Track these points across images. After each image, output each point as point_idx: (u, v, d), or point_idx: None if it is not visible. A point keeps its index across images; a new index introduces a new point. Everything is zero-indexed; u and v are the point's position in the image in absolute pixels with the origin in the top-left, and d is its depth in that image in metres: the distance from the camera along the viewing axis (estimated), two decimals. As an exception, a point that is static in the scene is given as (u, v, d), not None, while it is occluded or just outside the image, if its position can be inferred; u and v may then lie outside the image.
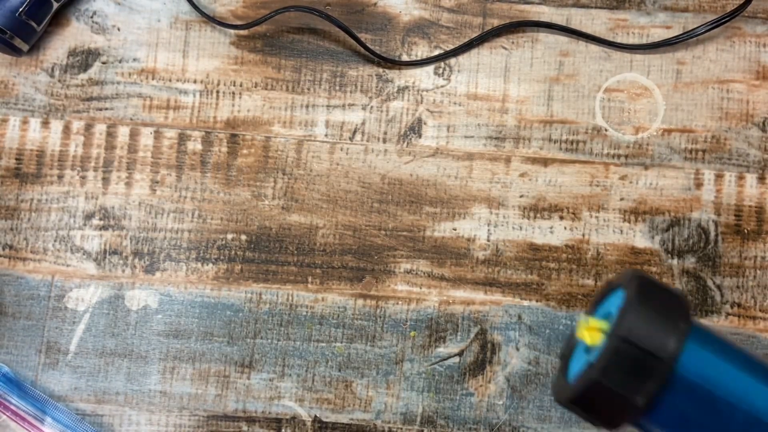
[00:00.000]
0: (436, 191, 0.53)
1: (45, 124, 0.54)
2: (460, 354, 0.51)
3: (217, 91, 0.54)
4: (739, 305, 0.51)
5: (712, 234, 0.52)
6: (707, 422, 0.27)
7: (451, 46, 0.54)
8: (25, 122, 0.54)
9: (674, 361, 0.26)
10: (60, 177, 0.53)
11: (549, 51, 0.54)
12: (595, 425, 0.28)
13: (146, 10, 0.55)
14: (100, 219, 0.53)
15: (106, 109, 0.54)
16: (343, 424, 0.51)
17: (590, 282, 0.52)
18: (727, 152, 0.53)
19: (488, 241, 0.52)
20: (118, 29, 0.55)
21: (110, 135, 0.54)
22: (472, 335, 0.51)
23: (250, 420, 0.51)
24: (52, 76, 0.54)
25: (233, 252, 0.52)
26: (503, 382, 0.51)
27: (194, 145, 0.54)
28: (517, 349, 0.51)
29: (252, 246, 0.52)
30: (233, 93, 0.54)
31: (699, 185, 0.53)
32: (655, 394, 0.26)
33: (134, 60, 0.54)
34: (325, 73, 0.54)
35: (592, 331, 0.28)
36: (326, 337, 0.51)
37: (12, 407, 0.49)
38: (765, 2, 0.54)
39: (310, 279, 0.52)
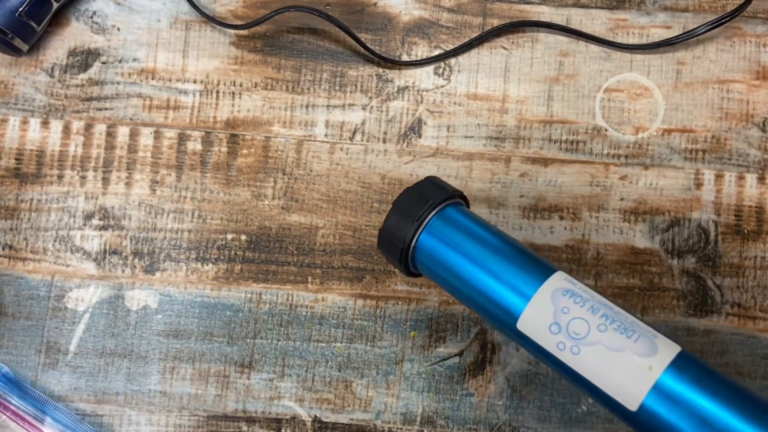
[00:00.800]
0: (436, 191, 0.53)
1: (45, 124, 0.54)
2: (460, 354, 0.51)
3: (217, 91, 0.54)
4: (739, 305, 0.51)
5: (712, 234, 0.52)
6: (445, 268, 0.40)
7: (451, 46, 0.54)
8: (25, 122, 0.54)
9: (423, 217, 0.40)
10: (60, 177, 0.53)
11: (549, 51, 0.54)
12: (392, 263, 0.43)
13: (146, 10, 0.55)
14: (100, 219, 0.53)
15: (106, 109, 0.54)
16: (343, 424, 0.51)
17: (590, 282, 0.52)
18: (727, 152, 0.53)
19: (488, 241, 0.52)
20: (118, 29, 0.55)
21: (110, 135, 0.54)
22: (472, 335, 0.51)
23: (250, 420, 0.51)
24: (52, 76, 0.54)
25: (233, 252, 0.52)
26: (503, 382, 0.51)
27: (194, 145, 0.54)
28: (517, 350, 0.51)
29: (252, 246, 0.52)
30: (233, 93, 0.54)
31: (699, 185, 0.53)
32: (412, 241, 0.40)
33: (134, 60, 0.54)
34: (325, 73, 0.54)
35: None
36: (326, 337, 0.51)
37: (12, 407, 0.49)
38: (765, 2, 0.54)
39: (310, 279, 0.52)
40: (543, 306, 0.37)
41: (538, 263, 0.39)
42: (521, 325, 0.37)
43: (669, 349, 0.34)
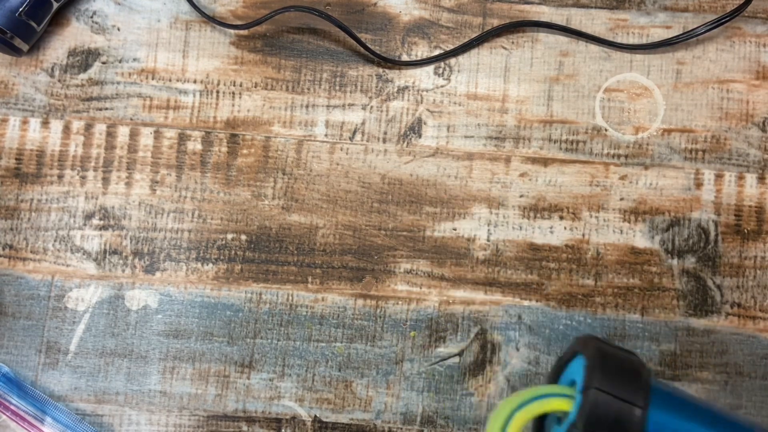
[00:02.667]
0: (436, 191, 0.53)
1: (45, 124, 0.54)
2: (460, 354, 0.51)
3: (217, 91, 0.54)
4: (739, 305, 0.51)
5: (712, 234, 0.52)
6: None
7: (451, 46, 0.54)
8: (25, 122, 0.54)
9: (647, 411, 0.27)
10: (60, 177, 0.53)
11: (549, 51, 0.54)
12: None
13: (146, 10, 0.55)
14: (100, 219, 0.53)
15: (106, 109, 0.54)
16: (343, 424, 0.51)
17: (590, 282, 0.52)
18: (727, 152, 0.53)
19: (488, 241, 0.52)
20: (118, 29, 0.55)
21: (110, 135, 0.54)
22: (472, 335, 0.51)
23: (250, 420, 0.51)
24: (52, 76, 0.54)
25: (233, 252, 0.52)
26: (503, 382, 0.51)
27: (194, 145, 0.54)
28: (517, 349, 0.51)
29: (252, 246, 0.52)
30: (233, 93, 0.54)
31: (699, 185, 0.53)
32: None
33: (134, 60, 0.54)
34: (325, 73, 0.54)
35: (560, 401, 0.30)
36: (326, 337, 0.51)
37: (12, 407, 0.49)
38: (765, 2, 0.54)
39: (310, 279, 0.52)
40: None
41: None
42: None
43: None
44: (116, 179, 0.53)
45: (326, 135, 0.54)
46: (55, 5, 0.53)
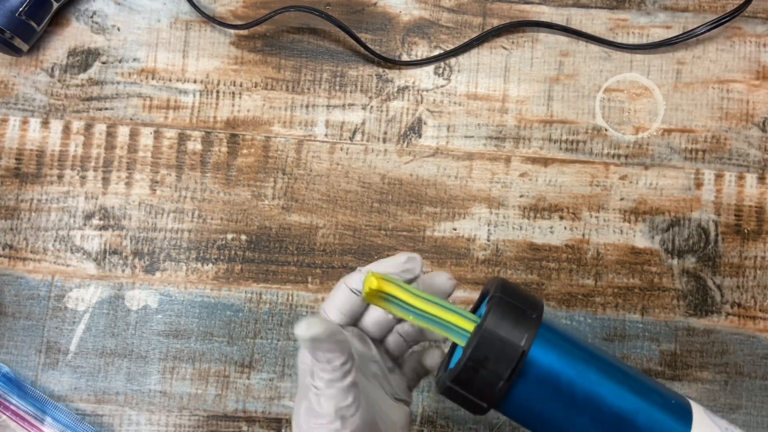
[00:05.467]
0: (436, 191, 0.53)
1: (45, 124, 0.54)
2: (460, 354, 0.51)
3: (217, 91, 0.54)
4: (739, 305, 0.51)
5: (712, 234, 0.52)
6: (555, 408, 0.31)
7: (451, 46, 0.54)
8: (25, 122, 0.54)
9: (526, 352, 0.30)
10: (60, 177, 0.53)
11: (549, 51, 0.54)
12: (467, 408, 0.32)
13: (146, 10, 0.55)
14: (100, 219, 0.53)
15: (106, 109, 0.54)
16: (343, 424, 0.50)
17: (590, 282, 0.52)
18: (727, 152, 0.53)
19: (488, 241, 0.52)
20: (118, 29, 0.55)
21: (110, 135, 0.54)
22: (472, 335, 0.51)
23: (250, 420, 0.51)
24: (52, 76, 0.54)
25: (233, 252, 0.52)
26: (503, 382, 0.50)
27: (194, 145, 0.54)
28: (517, 349, 0.51)
29: (252, 246, 0.52)
30: (233, 93, 0.54)
31: (699, 185, 0.53)
32: (510, 378, 0.30)
33: (134, 60, 0.54)
34: (325, 73, 0.54)
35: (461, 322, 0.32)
36: (326, 337, 0.51)
37: (12, 407, 0.49)
38: (765, 2, 0.54)
39: (310, 279, 0.52)
40: (707, 425, 0.31)
41: (660, 386, 0.33)
42: None
43: None
44: (116, 179, 0.53)
45: (326, 135, 0.54)
46: (55, 5, 0.53)
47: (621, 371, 0.32)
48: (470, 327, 0.32)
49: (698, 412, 0.32)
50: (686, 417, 0.31)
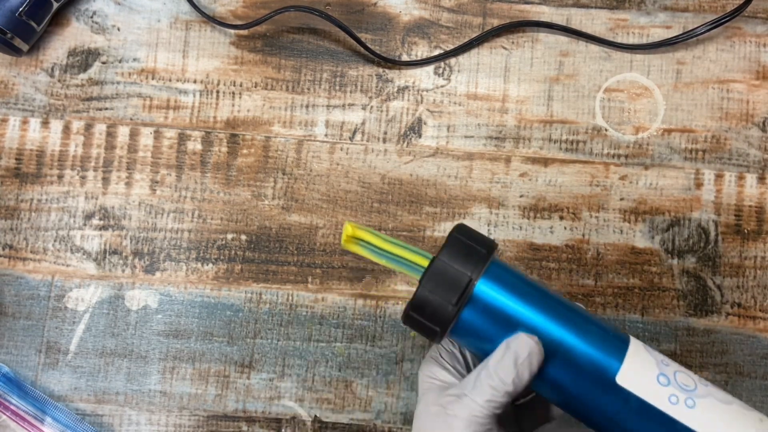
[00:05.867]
0: (436, 191, 0.53)
1: (45, 124, 0.54)
2: (460, 354, 0.51)
3: (217, 91, 0.54)
4: (739, 305, 0.51)
5: (712, 234, 0.52)
6: (499, 335, 0.34)
7: (451, 46, 0.54)
8: (25, 122, 0.54)
9: (474, 281, 0.34)
10: (60, 177, 0.53)
11: (549, 51, 0.54)
12: (425, 334, 0.36)
13: (146, 10, 0.55)
14: (100, 219, 0.53)
15: (106, 109, 0.54)
16: (343, 424, 0.51)
17: (590, 282, 0.52)
18: (727, 152, 0.53)
19: (488, 241, 0.52)
20: (118, 29, 0.55)
21: (110, 135, 0.54)
22: (472, 335, 0.51)
23: (250, 420, 0.51)
24: (52, 76, 0.54)
25: (233, 252, 0.52)
26: (503, 382, 0.50)
27: (194, 145, 0.54)
28: (517, 349, 0.51)
29: (252, 246, 0.52)
30: (233, 93, 0.54)
31: (699, 185, 0.53)
32: (459, 304, 0.34)
33: (134, 60, 0.54)
34: (325, 73, 0.54)
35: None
36: (326, 337, 0.51)
37: (12, 407, 0.49)
38: (765, 2, 0.54)
39: (310, 279, 0.52)
40: (643, 358, 0.33)
41: (602, 320, 0.35)
42: (624, 379, 0.33)
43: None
44: (116, 179, 0.53)
45: (326, 135, 0.54)
46: (55, 5, 0.53)
47: (563, 305, 0.35)
48: (426, 263, 0.36)
49: (635, 344, 0.34)
50: (622, 347, 0.34)
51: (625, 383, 0.33)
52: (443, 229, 0.52)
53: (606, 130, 0.53)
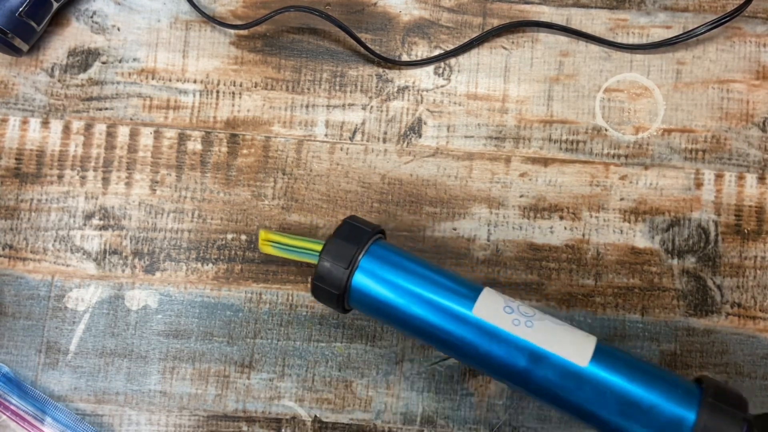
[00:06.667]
0: (436, 191, 0.53)
1: (45, 124, 0.54)
2: (460, 354, 0.51)
3: (217, 91, 0.54)
4: (739, 305, 0.51)
5: (712, 234, 0.52)
6: (385, 298, 0.43)
7: (451, 46, 0.54)
8: (25, 122, 0.54)
9: (359, 251, 0.43)
10: (60, 177, 0.53)
11: (549, 51, 0.54)
12: (329, 303, 0.45)
13: (146, 10, 0.55)
14: (100, 219, 0.53)
15: (106, 109, 0.54)
16: (343, 424, 0.51)
17: (590, 282, 0.52)
18: (727, 152, 0.53)
19: (488, 241, 0.52)
20: (118, 29, 0.55)
21: (110, 135, 0.54)
22: (472, 335, 0.51)
23: (250, 420, 0.51)
24: (52, 76, 0.54)
25: (233, 252, 0.52)
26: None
27: (194, 145, 0.54)
28: (517, 349, 0.51)
29: (252, 246, 0.52)
30: (233, 93, 0.54)
31: (699, 185, 0.53)
32: (350, 270, 0.43)
33: (134, 60, 0.54)
34: (325, 73, 0.54)
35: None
36: (326, 337, 0.51)
37: (12, 407, 0.49)
38: (765, 2, 0.54)
39: (310, 279, 0.52)
40: (493, 296, 0.42)
41: (464, 279, 0.44)
42: (477, 311, 0.41)
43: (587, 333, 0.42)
44: (116, 179, 0.53)
45: (326, 135, 0.54)
46: (55, 5, 0.53)
47: (434, 269, 0.44)
48: (320, 247, 0.44)
49: (488, 290, 0.43)
50: (477, 292, 0.42)
51: (478, 314, 0.41)
52: (443, 229, 0.52)
53: (606, 130, 0.53)
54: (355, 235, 0.44)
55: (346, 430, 0.50)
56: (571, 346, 0.40)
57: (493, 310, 0.41)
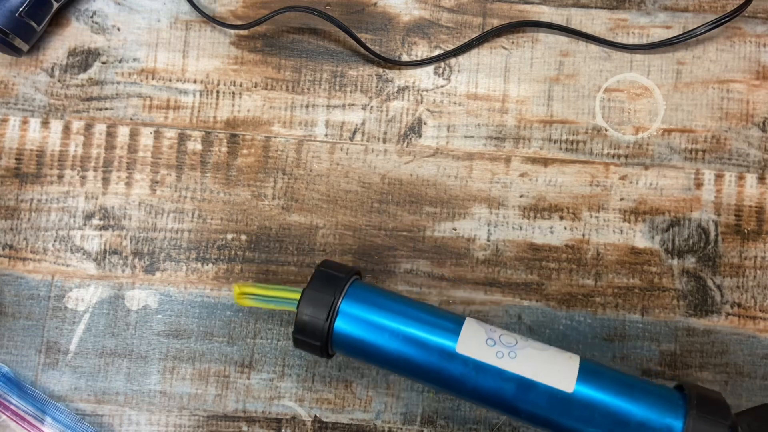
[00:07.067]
0: (436, 191, 0.53)
1: (45, 124, 0.54)
2: (460, 354, 0.51)
3: (217, 91, 0.54)
4: (739, 305, 0.51)
5: (712, 234, 0.52)
6: (369, 340, 0.43)
7: (451, 46, 0.54)
8: (25, 122, 0.54)
9: (337, 300, 0.43)
10: (60, 177, 0.53)
11: (549, 51, 0.54)
12: (311, 351, 0.44)
13: (146, 10, 0.55)
14: (100, 219, 0.53)
15: (106, 109, 0.54)
16: (343, 424, 0.51)
17: (590, 282, 0.52)
18: (727, 152, 0.53)
19: (488, 241, 0.52)
20: (118, 29, 0.55)
21: (110, 135, 0.54)
22: (472, 335, 0.51)
23: (250, 420, 0.51)
24: (52, 76, 0.54)
25: (233, 252, 0.52)
26: (503, 382, 0.50)
27: (194, 145, 0.54)
28: (517, 349, 0.51)
29: (252, 246, 0.52)
30: (233, 93, 0.54)
31: (699, 185, 0.53)
32: (330, 320, 0.42)
33: (134, 60, 0.54)
34: (325, 73, 0.54)
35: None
36: (326, 337, 0.51)
37: (12, 407, 0.49)
38: (765, 2, 0.54)
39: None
40: (474, 328, 0.42)
41: (444, 311, 0.44)
42: (461, 348, 0.42)
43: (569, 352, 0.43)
44: (116, 179, 0.53)
45: (326, 135, 0.54)
46: (55, 5, 0.53)
47: (412, 305, 0.44)
48: (298, 295, 0.44)
49: (469, 321, 0.43)
50: (458, 326, 0.42)
51: (462, 351, 0.41)
52: (443, 229, 0.52)
53: (606, 130, 0.53)
54: (330, 283, 0.43)
55: (346, 430, 0.50)
56: (556, 374, 0.41)
57: (476, 343, 0.41)
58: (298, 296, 0.43)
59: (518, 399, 0.41)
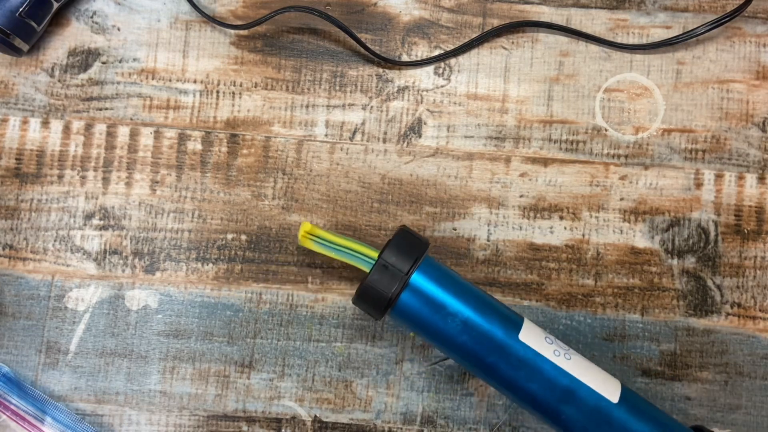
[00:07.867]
0: (436, 191, 0.53)
1: (45, 124, 0.54)
2: (460, 354, 0.51)
3: (217, 91, 0.54)
4: (739, 305, 0.51)
5: (712, 234, 0.52)
6: (430, 317, 0.43)
7: (451, 46, 0.54)
8: (25, 122, 0.54)
9: (408, 275, 0.43)
10: (60, 177, 0.53)
11: (549, 51, 0.54)
12: (370, 315, 0.44)
13: (146, 10, 0.55)
14: (100, 219, 0.53)
15: (106, 109, 0.54)
16: (343, 424, 0.51)
17: (590, 282, 0.52)
18: (727, 152, 0.53)
19: (488, 241, 0.52)
20: (118, 29, 0.55)
21: (110, 135, 0.54)
22: (472, 335, 0.51)
23: (250, 420, 0.51)
24: (52, 76, 0.54)
25: (233, 252, 0.52)
26: (503, 382, 0.50)
27: (194, 145, 0.54)
28: (517, 349, 0.51)
29: (252, 246, 0.52)
30: (233, 93, 0.54)
31: (699, 185, 0.53)
32: (397, 294, 0.43)
33: (134, 60, 0.54)
34: (325, 73, 0.54)
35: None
36: (326, 337, 0.51)
37: (12, 407, 0.49)
38: (765, 2, 0.54)
39: (310, 279, 0.52)
40: (534, 327, 0.44)
41: (503, 305, 0.45)
42: (524, 337, 0.43)
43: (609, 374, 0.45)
44: (116, 179, 0.53)
45: (326, 135, 0.54)
46: (55, 5, 0.53)
47: (478, 297, 0.44)
48: (375, 255, 0.44)
49: (528, 321, 0.44)
50: (520, 320, 0.44)
51: (525, 340, 0.43)
52: (443, 229, 0.52)
53: (606, 130, 0.53)
54: (411, 248, 0.44)
55: (346, 430, 0.50)
56: (603, 383, 0.42)
57: (536, 337, 0.43)
58: (373, 254, 0.44)
59: (565, 399, 0.42)
